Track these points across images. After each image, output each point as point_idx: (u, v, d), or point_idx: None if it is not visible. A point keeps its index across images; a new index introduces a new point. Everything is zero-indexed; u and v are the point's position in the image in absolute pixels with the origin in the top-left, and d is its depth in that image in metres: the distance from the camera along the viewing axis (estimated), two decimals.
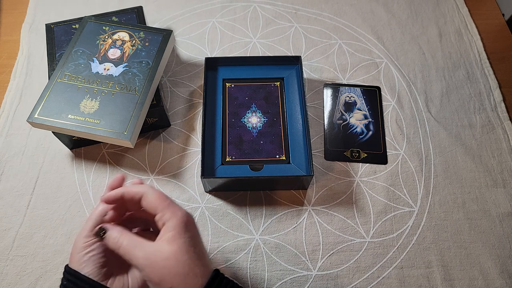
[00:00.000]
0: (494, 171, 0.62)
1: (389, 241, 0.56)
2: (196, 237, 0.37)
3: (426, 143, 0.64)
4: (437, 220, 0.58)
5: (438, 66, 0.73)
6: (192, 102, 0.68)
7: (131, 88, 0.58)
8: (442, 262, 0.55)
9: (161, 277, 0.34)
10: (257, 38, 0.76)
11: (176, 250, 0.34)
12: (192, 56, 0.73)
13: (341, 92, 0.69)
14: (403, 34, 0.76)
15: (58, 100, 0.56)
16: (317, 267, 0.54)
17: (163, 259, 0.34)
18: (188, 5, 0.80)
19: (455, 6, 0.80)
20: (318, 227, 0.57)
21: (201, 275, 0.35)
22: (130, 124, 0.55)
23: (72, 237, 0.56)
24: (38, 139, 0.64)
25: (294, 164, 0.59)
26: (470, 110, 0.68)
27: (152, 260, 0.34)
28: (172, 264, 0.34)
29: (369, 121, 0.66)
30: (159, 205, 0.36)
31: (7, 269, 0.53)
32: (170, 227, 0.35)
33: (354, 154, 0.63)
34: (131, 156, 0.63)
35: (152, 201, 0.37)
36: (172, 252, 0.34)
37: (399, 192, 0.60)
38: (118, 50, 0.62)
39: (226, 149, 0.60)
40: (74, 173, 0.61)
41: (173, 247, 0.35)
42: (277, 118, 0.63)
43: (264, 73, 0.67)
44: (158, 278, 0.34)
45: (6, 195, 0.59)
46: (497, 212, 0.58)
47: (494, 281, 0.53)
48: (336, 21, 0.78)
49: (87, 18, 0.65)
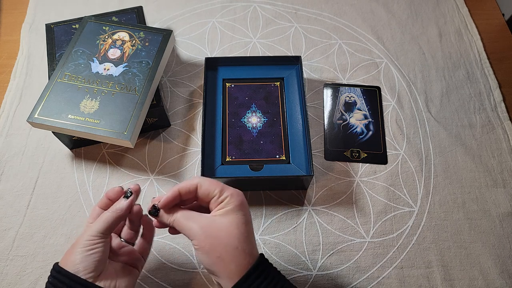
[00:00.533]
0: (494, 171, 0.62)
1: (389, 241, 0.56)
2: (248, 217, 0.39)
3: (426, 143, 0.64)
4: (437, 220, 0.58)
5: (438, 66, 0.73)
6: (192, 102, 0.68)
7: (131, 88, 0.58)
8: (442, 262, 0.55)
9: (212, 246, 0.36)
10: (257, 38, 0.76)
11: (229, 223, 0.37)
12: (192, 56, 0.73)
13: (341, 92, 0.69)
14: (403, 34, 0.76)
15: (58, 100, 0.56)
16: (317, 267, 0.54)
17: (215, 229, 0.37)
18: (188, 5, 0.80)
19: (455, 6, 0.80)
20: (318, 227, 0.57)
21: (249, 253, 0.37)
22: (130, 124, 0.55)
23: (72, 237, 0.56)
24: (38, 139, 0.64)
25: (294, 164, 0.59)
26: (470, 110, 0.68)
27: (205, 230, 0.37)
28: (223, 235, 0.36)
29: (369, 121, 0.66)
30: (215, 188, 0.39)
31: (7, 269, 0.53)
32: (225, 203, 0.38)
33: (354, 154, 0.63)
34: (131, 156, 0.63)
35: (207, 187, 0.39)
36: (225, 224, 0.37)
37: (399, 192, 0.60)
38: (118, 50, 0.62)
39: (226, 149, 0.60)
40: (74, 173, 0.61)
41: (226, 220, 0.37)
42: (277, 118, 0.63)
43: (264, 73, 0.67)
44: (208, 246, 0.36)
45: (6, 195, 0.59)
46: (497, 212, 0.58)
47: (494, 281, 0.53)
48: (336, 21, 0.78)
49: (87, 18, 0.65)
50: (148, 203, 0.41)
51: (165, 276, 0.53)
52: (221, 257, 0.36)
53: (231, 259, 0.36)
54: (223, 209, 0.38)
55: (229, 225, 0.37)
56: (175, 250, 0.55)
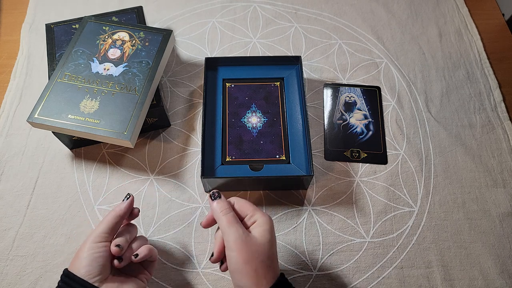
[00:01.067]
0: (494, 171, 0.62)
1: (389, 241, 0.56)
2: (275, 239, 0.44)
3: (426, 143, 0.64)
4: (437, 220, 0.58)
5: (438, 66, 0.73)
6: (192, 102, 0.68)
7: (131, 88, 0.58)
8: (442, 262, 0.55)
9: (249, 259, 0.40)
10: (257, 38, 0.76)
11: (266, 242, 0.42)
12: (192, 56, 0.73)
13: (341, 92, 0.69)
14: (403, 34, 0.76)
15: (58, 100, 0.56)
16: (317, 267, 0.54)
17: (254, 245, 0.41)
18: (188, 5, 0.80)
19: (455, 6, 0.80)
20: (318, 227, 0.57)
21: (274, 271, 0.42)
22: (130, 124, 0.55)
23: (72, 237, 0.56)
24: (38, 139, 0.64)
25: (294, 164, 0.59)
26: (470, 110, 0.68)
27: (245, 244, 0.40)
28: (261, 252, 0.41)
29: (369, 121, 0.66)
30: (249, 207, 0.45)
31: (7, 269, 0.53)
32: (261, 224, 0.43)
33: (354, 154, 0.63)
34: (131, 156, 0.63)
35: (242, 205, 0.45)
36: (262, 243, 0.41)
37: (399, 192, 0.60)
38: (118, 50, 0.62)
39: (226, 149, 0.60)
40: (74, 173, 0.61)
41: (264, 239, 0.42)
42: (277, 118, 0.63)
43: (264, 73, 0.67)
44: (246, 258, 0.40)
45: (6, 195, 0.59)
46: (497, 212, 0.58)
47: (494, 281, 0.53)
48: (336, 21, 0.78)
49: (87, 18, 0.65)
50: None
51: (165, 276, 0.53)
52: (257, 271, 0.40)
53: (263, 275, 0.40)
54: (259, 228, 0.42)
55: (266, 244, 0.41)
56: (175, 250, 0.55)
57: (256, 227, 0.43)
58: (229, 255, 0.41)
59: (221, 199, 0.45)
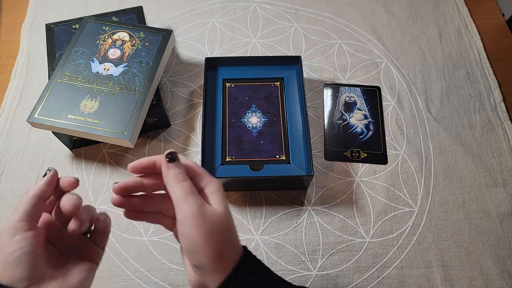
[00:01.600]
0: (494, 171, 0.62)
1: (389, 241, 0.56)
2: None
3: (426, 143, 0.64)
4: (437, 220, 0.58)
5: (438, 66, 0.73)
6: (192, 102, 0.68)
7: (131, 88, 0.58)
8: (442, 262, 0.55)
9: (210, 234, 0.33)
10: (257, 38, 0.76)
11: (224, 212, 0.34)
12: (192, 56, 0.73)
13: (341, 92, 0.69)
14: (403, 34, 0.76)
15: (58, 100, 0.56)
16: (317, 267, 0.54)
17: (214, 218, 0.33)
18: (188, 5, 0.80)
19: (455, 6, 0.80)
20: (318, 227, 0.57)
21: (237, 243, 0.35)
22: (130, 124, 0.55)
23: None
24: (38, 139, 0.64)
25: (294, 164, 0.59)
26: (470, 110, 0.68)
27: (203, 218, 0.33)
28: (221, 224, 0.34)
29: (369, 121, 0.66)
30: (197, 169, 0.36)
31: None
32: (215, 190, 0.35)
33: (354, 154, 0.63)
34: (131, 156, 0.63)
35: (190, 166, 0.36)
36: (221, 213, 0.34)
37: (399, 192, 0.60)
38: (118, 50, 0.62)
39: (226, 149, 0.60)
40: (74, 173, 0.61)
41: (223, 209, 0.34)
42: (277, 118, 0.63)
43: (264, 73, 0.67)
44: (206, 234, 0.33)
45: (6, 195, 0.59)
46: (497, 212, 0.58)
47: (494, 281, 0.53)
48: (336, 21, 0.78)
49: (87, 18, 0.65)
50: None
51: (165, 276, 0.53)
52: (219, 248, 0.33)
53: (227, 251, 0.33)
54: (213, 196, 0.35)
55: (224, 213, 0.34)
56: (175, 250, 0.55)
57: (211, 194, 0.35)
58: (183, 231, 0.33)
59: (177, 163, 0.35)
